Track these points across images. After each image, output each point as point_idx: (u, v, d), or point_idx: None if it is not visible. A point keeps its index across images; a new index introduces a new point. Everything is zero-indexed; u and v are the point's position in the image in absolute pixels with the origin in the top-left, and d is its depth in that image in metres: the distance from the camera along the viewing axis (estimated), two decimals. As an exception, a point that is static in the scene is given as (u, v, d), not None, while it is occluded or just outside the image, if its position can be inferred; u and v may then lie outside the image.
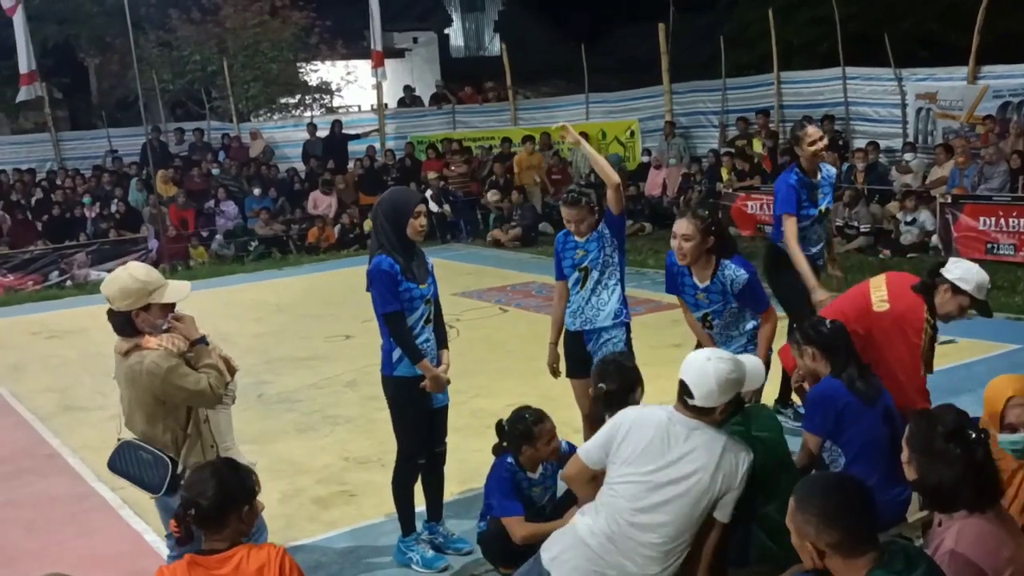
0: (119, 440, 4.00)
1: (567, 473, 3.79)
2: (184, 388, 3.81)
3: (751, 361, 3.81)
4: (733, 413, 3.90)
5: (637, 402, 4.20)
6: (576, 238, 5.16)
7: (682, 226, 4.78)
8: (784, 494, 3.77)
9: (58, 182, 17.60)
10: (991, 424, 3.66)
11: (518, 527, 4.21)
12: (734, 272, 4.84)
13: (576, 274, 5.17)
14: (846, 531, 2.64)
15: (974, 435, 2.93)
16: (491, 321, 10.32)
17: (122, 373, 3.92)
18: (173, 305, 3.98)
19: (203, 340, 4.00)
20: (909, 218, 12.42)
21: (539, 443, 4.38)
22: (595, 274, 5.14)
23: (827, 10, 15.67)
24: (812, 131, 6.15)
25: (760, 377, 3.94)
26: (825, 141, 6.30)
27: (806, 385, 4.40)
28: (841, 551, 2.65)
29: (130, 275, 3.87)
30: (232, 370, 4.25)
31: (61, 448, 7.24)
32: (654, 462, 3.46)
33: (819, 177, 6.21)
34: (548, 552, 3.63)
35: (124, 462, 3.95)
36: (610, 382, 4.19)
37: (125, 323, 3.88)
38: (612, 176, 4.97)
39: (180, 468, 3.88)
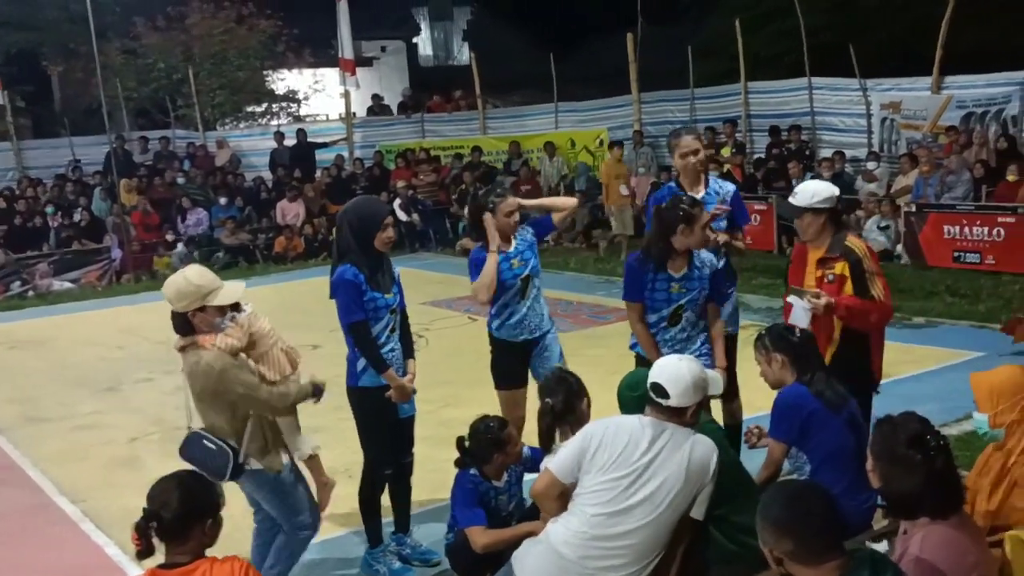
0: (189, 429, 4.18)
1: (536, 489, 3.78)
2: (234, 391, 4.02)
3: (711, 371, 3.97)
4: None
5: (584, 412, 4.20)
6: (503, 247, 5.12)
7: (690, 142, 5.24)
8: (735, 495, 3.80)
9: (20, 191, 17.33)
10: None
11: (479, 535, 4.18)
12: (707, 255, 4.94)
13: (517, 284, 5.13)
14: (802, 541, 2.65)
15: (934, 443, 2.95)
16: (461, 330, 10.28)
17: (185, 369, 4.10)
18: (237, 305, 4.19)
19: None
20: (884, 223, 12.52)
21: (508, 447, 4.38)
22: (536, 281, 5.20)
23: (794, 22, 15.82)
24: (687, 141, 5.29)
25: (720, 384, 4.01)
26: (701, 155, 5.29)
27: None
28: (798, 559, 2.66)
29: (185, 278, 4.04)
30: (294, 362, 4.43)
31: (22, 460, 7.11)
32: (628, 465, 3.50)
33: (702, 192, 5.28)
34: (519, 562, 3.62)
35: (192, 450, 4.12)
36: (556, 397, 4.19)
37: (184, 323, 4.05)
38: (566, 202, 5.34)
39: (242, 457, 4.09)
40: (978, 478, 3.60)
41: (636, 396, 3.96)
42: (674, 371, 3.63)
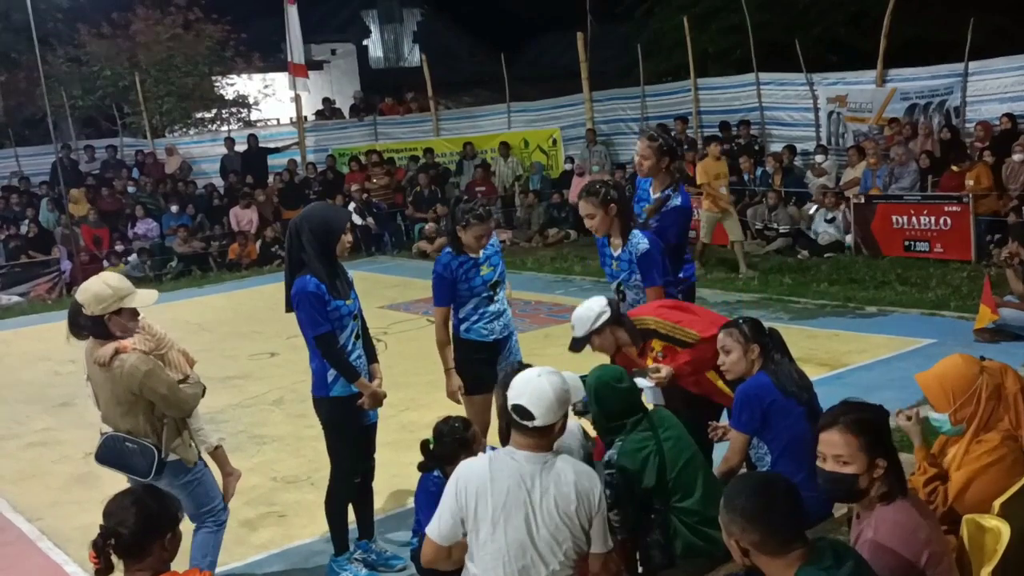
0: (102, 434, 4.35)
1: (426, 558, 3.51)
2: (157, 391, 4.20)
3: (569, 375, 3.76)
4: (635, 424, 3.94)
5: None
6: (472, 254, 5.13)
7: (582, 208, 5.10)
8: (700, 487, 3.83)
9: (-36, 204, 16.96)
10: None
11: None
12: (639, 239, 5.04)
13: (487, 292, 5.16)
14: (768, 531, 2.67)
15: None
16: (419, 333, 10.24)
17: (101, 375, 4.24)
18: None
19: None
20: (830, 216, 12.73)
21: (474, 447, 4.36)
22: (503, 286, 5.24)
23: (740, 18, 16.00)
24: (638, 146, 5.53)
25: (581, 389, 3.95)
26: (643, 162, 5.47)
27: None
28: (764, 550, 2.68)
29: (103, 282, 4.24)
30: (191, 362, 4.63)
31: (-26, 480, 6.95)
32: (520, 511, 3.25)
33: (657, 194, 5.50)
34: None
35: (110, 453, 4.31)
36: None
37: (98, 326, 4.22)
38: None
39: (164, 453, 4.26)
40: (922, 475, 3.66)
41: (625, 389, 3.99)
42: (535, 389, 3.31)
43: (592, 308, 4.70)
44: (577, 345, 4.79)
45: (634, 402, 4.04)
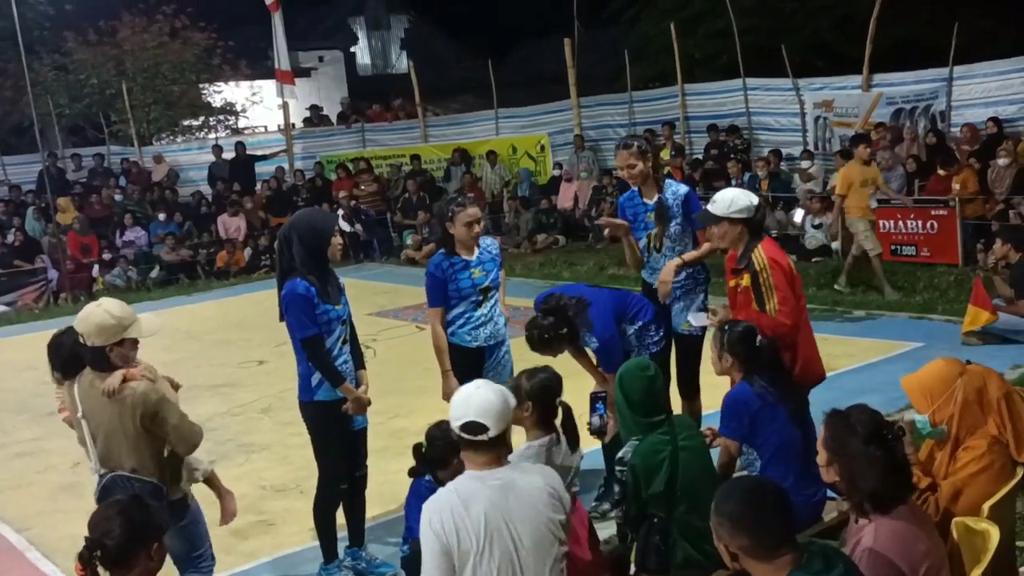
0: (100, 475, 4.03)
1: None
2: (169, 421, 3.98)
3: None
4: (656, 426, 3.93)
5: (564, 405, 4.15)
6: (465, 256, 5.15)
7: (624, 158, 5.33)
8: (707, 501, 3.82)
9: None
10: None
11: None
12: (589, 341, 5.16)
13: (476, 296, 5.16)
14: (756, 536, 2.67)
15: (890, 434, 3.01)
16: (408, 340, 10.23)
17: (105, 408, 3.96)
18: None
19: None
20: (817, 222, 12.76)
21: None
22: (494, 293, 5.24)
23: (726, 23, 16.05)
24: (621, 157, 5.42)
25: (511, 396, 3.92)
26: (637, 170, 5.36)
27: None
28: (752, 554, 2.68)
29: (106, 311, 3.96)
30: (176, 386, 4.41)
31: (-41, 491, 6.90)
32: (501, 536, 3.12)
33: (654, 199, 5.42)
34: None
35: (118, 494, 3.93)
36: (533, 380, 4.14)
37: (99, 357, 3.97)
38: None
39: (169, 492, 4.03)
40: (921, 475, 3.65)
41: (649, 376, 3.98)
42: (481, 401, 3.15)
43: (746, 198, 4.66)
44: (705, 219, 4.79)
45: (657, 397, 4.02)
